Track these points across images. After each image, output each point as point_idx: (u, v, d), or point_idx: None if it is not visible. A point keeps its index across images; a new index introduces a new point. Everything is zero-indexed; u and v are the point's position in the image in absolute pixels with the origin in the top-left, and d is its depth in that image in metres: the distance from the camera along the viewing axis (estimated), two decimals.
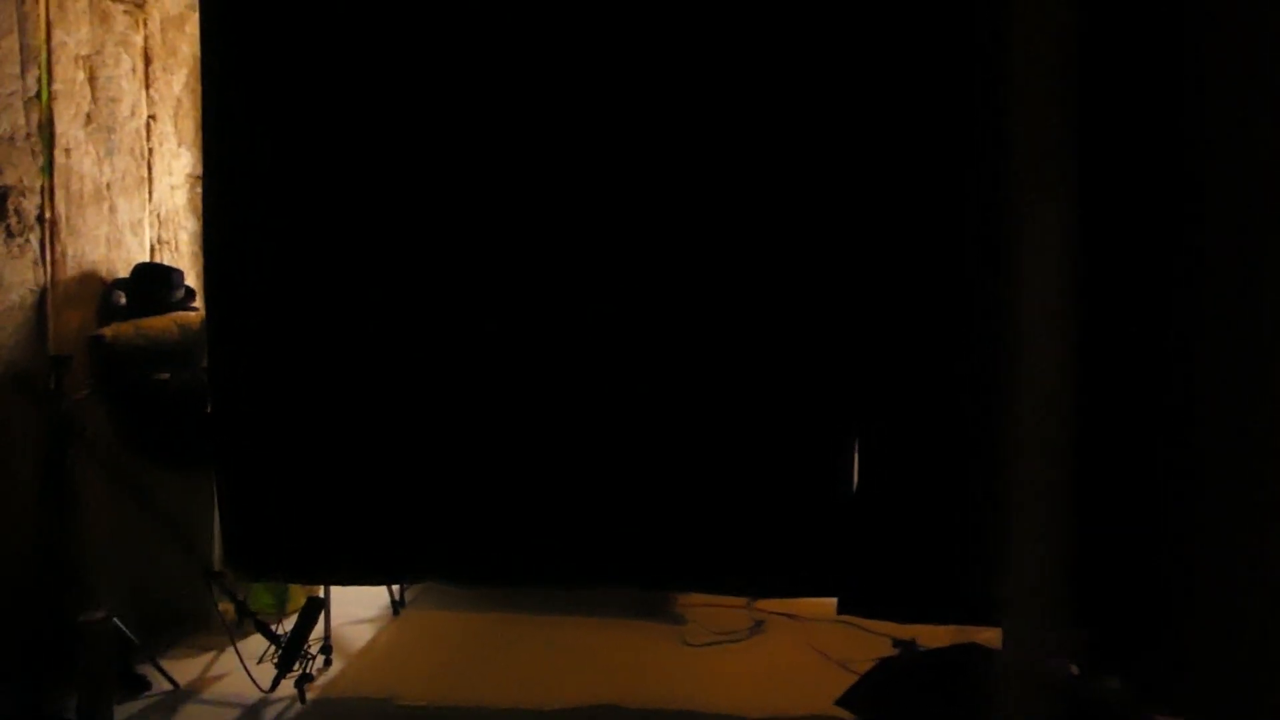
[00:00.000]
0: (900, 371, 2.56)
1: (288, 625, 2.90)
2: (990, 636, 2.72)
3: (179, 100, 3.72)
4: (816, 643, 3.30)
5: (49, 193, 3.08)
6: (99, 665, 2.54)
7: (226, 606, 3.08)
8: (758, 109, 2.49)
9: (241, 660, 2.81)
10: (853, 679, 3.05)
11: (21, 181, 2.98)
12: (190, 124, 3.77)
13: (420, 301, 2.59)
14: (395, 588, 3.52)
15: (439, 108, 2.57)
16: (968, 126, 2.40)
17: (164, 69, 3.65)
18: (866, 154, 2.51)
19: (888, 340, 2.56)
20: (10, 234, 2.95)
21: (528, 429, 2.60)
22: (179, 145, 3.73)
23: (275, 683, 2.78)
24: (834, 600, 2.70)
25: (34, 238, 3.03)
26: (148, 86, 3.58)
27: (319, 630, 2.98)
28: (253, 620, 2.81)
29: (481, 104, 2.54)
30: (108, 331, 3.20)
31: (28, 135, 3.00)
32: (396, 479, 2.63)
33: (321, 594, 3.05)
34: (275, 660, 2.76)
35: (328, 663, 3.08)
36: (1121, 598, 2.42)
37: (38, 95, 3.03)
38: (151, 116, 3.60)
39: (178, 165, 3.73)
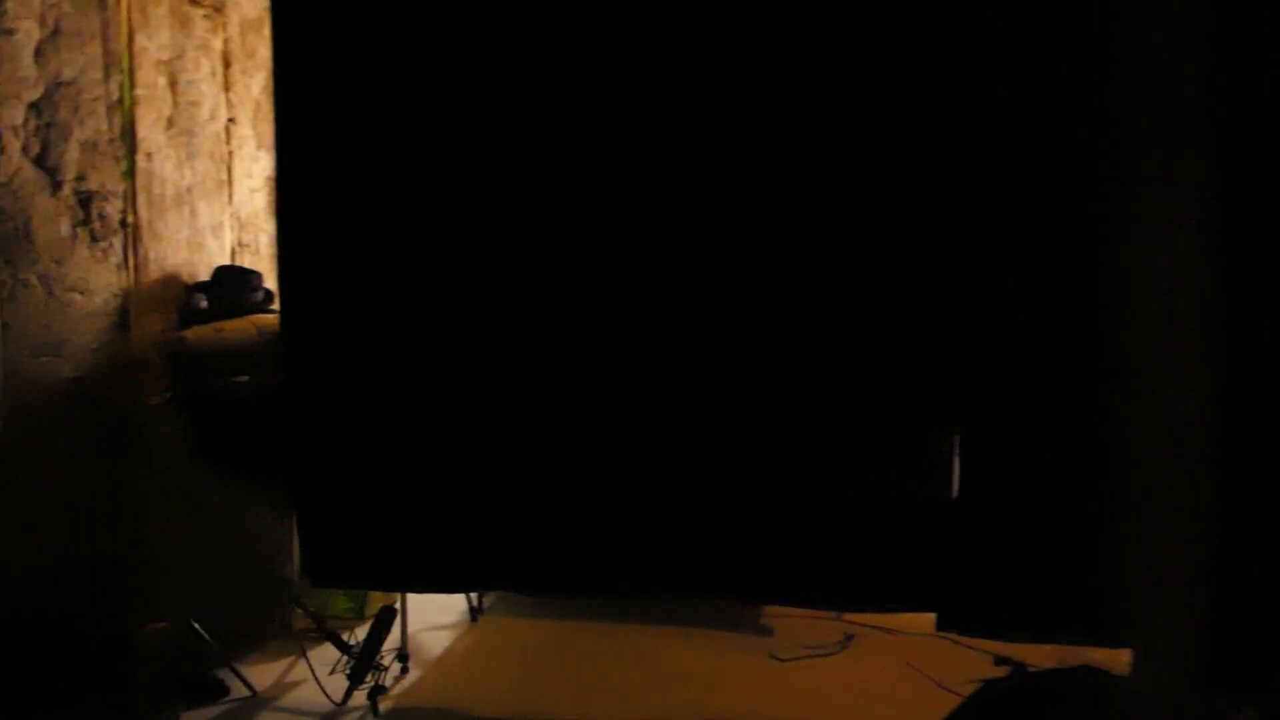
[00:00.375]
0: (1005, 362, 2.38)
1: (365, 631, 2.86)
2: (1101, 657, 2.55)
3: (258, 103, 3.73)
4: (912, 659, 3.15)
5: (131, 197, 3.11)
6: (156, 677, 2.53)
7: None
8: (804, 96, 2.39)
9: (313, 672, 2.80)
10: (952, 700, 2.88)
11: (105, 186, 3.01)
12: (269, 127, 3.76)
13: (504, 306, 2.53)
14: (473, 594, 3.46)
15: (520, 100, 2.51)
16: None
17: (243, 72, 3.66)
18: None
19: (989, 326, 2.39)
20: (94, 238, 2.98)
21: (615, 435, 2.52)
22: (258, 148, 3.74)
23: (347, 695, 2.74)
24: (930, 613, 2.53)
25: (117, 242, 3.06)
26: (227, 90, 3.59)
27: (394, 637, 2.94)
28: (323, 631, 2.76)
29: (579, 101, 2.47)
30: (188, 334, 3.22)
31: (110, 140, 3.03)
32: (478, 485, 2.57)
33: (396, 603, 3.00)
34: (347, 671, 2.71)
35: (404, 670, 3.03)
36: (1266, 618, 2.20)
37: (120, 100, 3.06)
38: (231, 120, 3.61)
39: (257, 168, 3.74)
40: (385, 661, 2.84)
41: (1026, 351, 2.36)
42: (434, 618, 3.44)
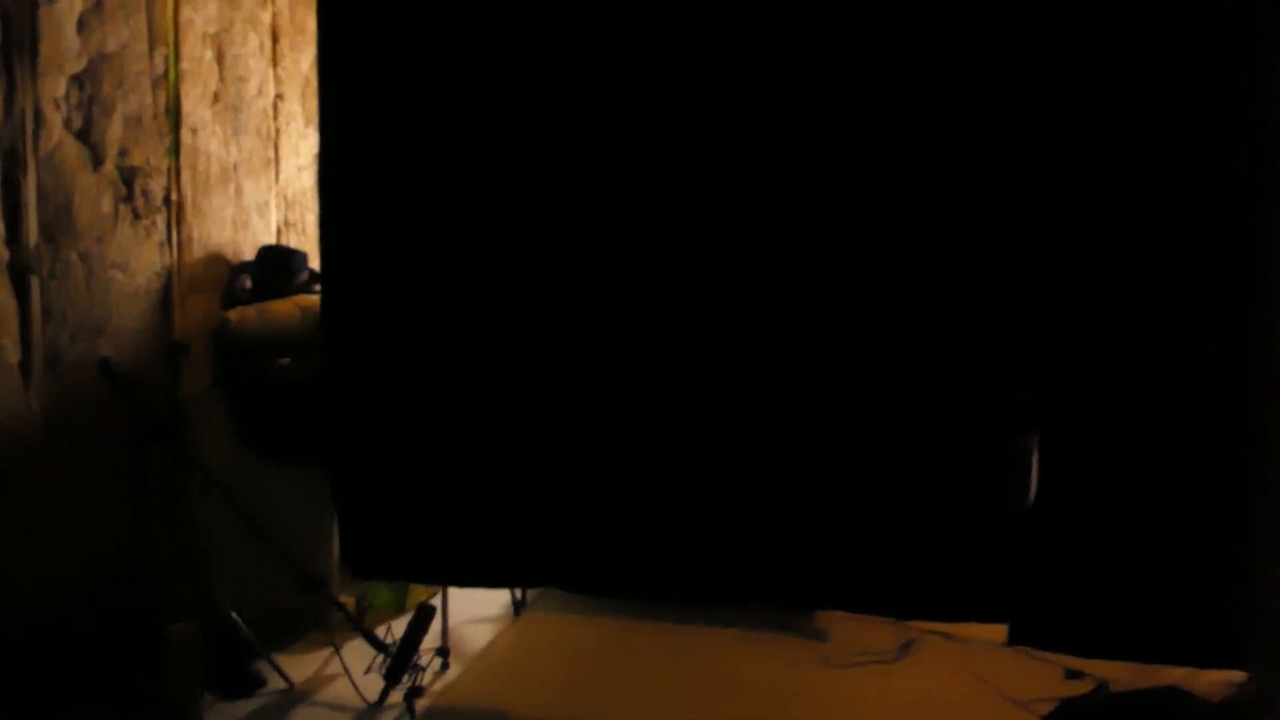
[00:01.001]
0: (1087, 358, 2.25)
1: (404, 620, 2.79)
2: (1181, 675, 2.44)
3: (306, 79, 3.65)
4: (976, 668, 3.00)
5: (175, 174, 3.05)
6: (184, 675, 2.46)
7: (348, 600, 2.99)
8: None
9: (347, 670, 2.72)
10: (1020, 715, 2.75)
11: (149, 162, 2.94)
12: (317, 104, 3.69)
13: (555, 295, 2.46)
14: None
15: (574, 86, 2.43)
16: None
17: (291, 47, 3.58)
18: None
19: (1068, 317, 2.25)
20: (137, 215, 2.91)
21: (667, 429, 2.42)
22: (306, 125, 3.66)
23: (383, 696, 2.65)
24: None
25: (160, 220, 3.00)
26: (275, 65, 3.51)
27: (434, 633, 2.85)
28: (359, 629, 2.68)
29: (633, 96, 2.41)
30: (233, 316, 3.16)
31: (155, 115, 2.96)
32: (524, 477, 2.49)
33: (434, 600, 2.92)
34: (384, 670, 2.63)
35: (445, 666, 2.94)
36: None
37: (165, 74, 2.99)
38: (279, 96, 3.54)
39: (305, 146, 3.66)
40: (423, 661, 2.75)
41: (1108, 355, 2.24)
42: (477, 609, 3.37)
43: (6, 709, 2.43)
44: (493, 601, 3.42)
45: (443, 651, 2.93)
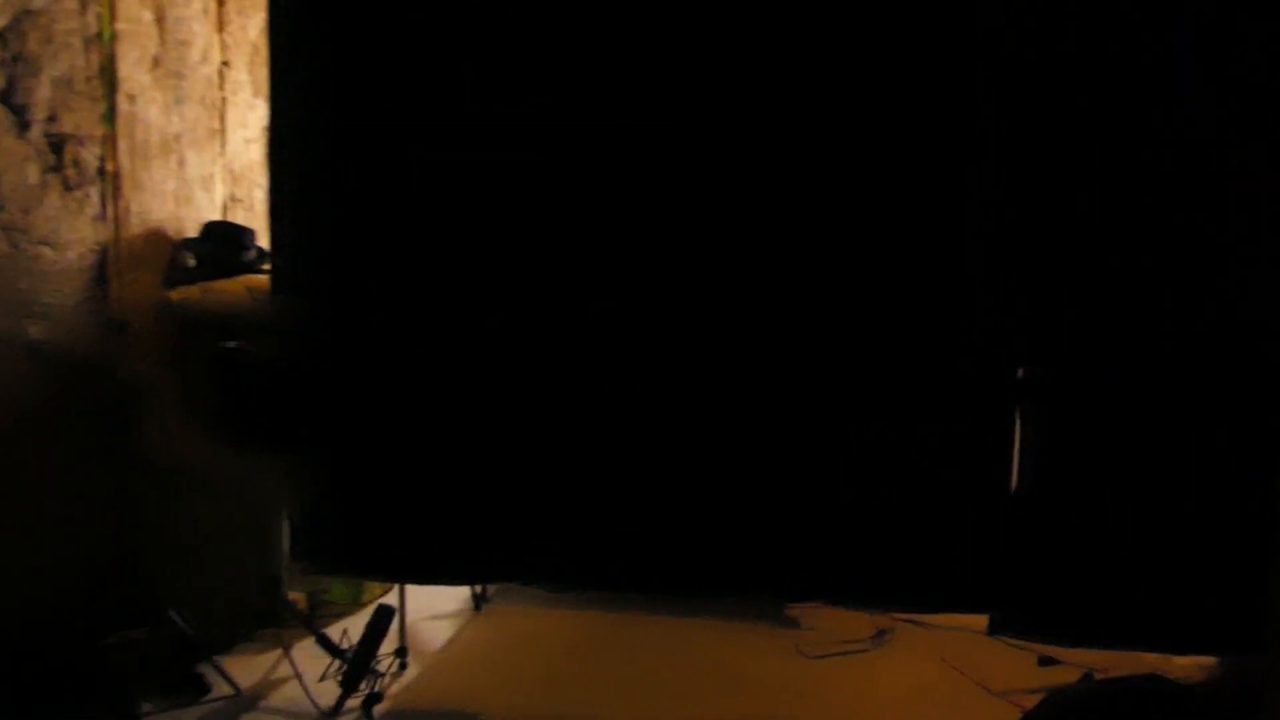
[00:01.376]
0: (1087, 358, 2.24)
1: (359, 623, 2.63)
2: (1153, 661, 2.49)
3: (255, 46, 3.45)
4: (950, 656, 2.97)
5: (111, 143, 2.84)
6: (125, 689, 2.33)
7: (298, 597, 2.85)
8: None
9: (300, 677, 2.58)
10: (997, 704, 2.72)
11: (80, 129, 2.74)
12: (267, 73, 3.50)
13: (511, 285, 2.37)
14: None
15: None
16: None
17: (239, 11, 3.38)
18: None
19: (1068, 317, 2.23)
20: (68, 186, 2.71)
21: (627, 421, 2.34)
22: (254, 95, 3.46)
23: (340, 704, 2.51)
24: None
25: (94, 191, 2.80)
26: (221, 30, 3.32)
27: (392, 632, 2.70)
28: (314, 632, 2.53)
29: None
30: (174, 295, 2.99)
31: (88, 79, 2.76)
32: (484, 470, 2.38)
33: (388, 595, 2.77)
34: (339, 678, 2.48)
35: (403, 666, 2.81)
36: None
37: (99, 34, 2.79)
38: (225, 63, 3.34)
39: (253, 117, 3.47)
40: (382, 666, 2.60)
41: (1086, 342, 2.24)
42: (435, 605, 3.24)
43: None
44: (451, 596, 3.30)
45: (400, 652, 2.80)
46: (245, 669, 2.74)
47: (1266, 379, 2.08)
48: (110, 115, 2.83)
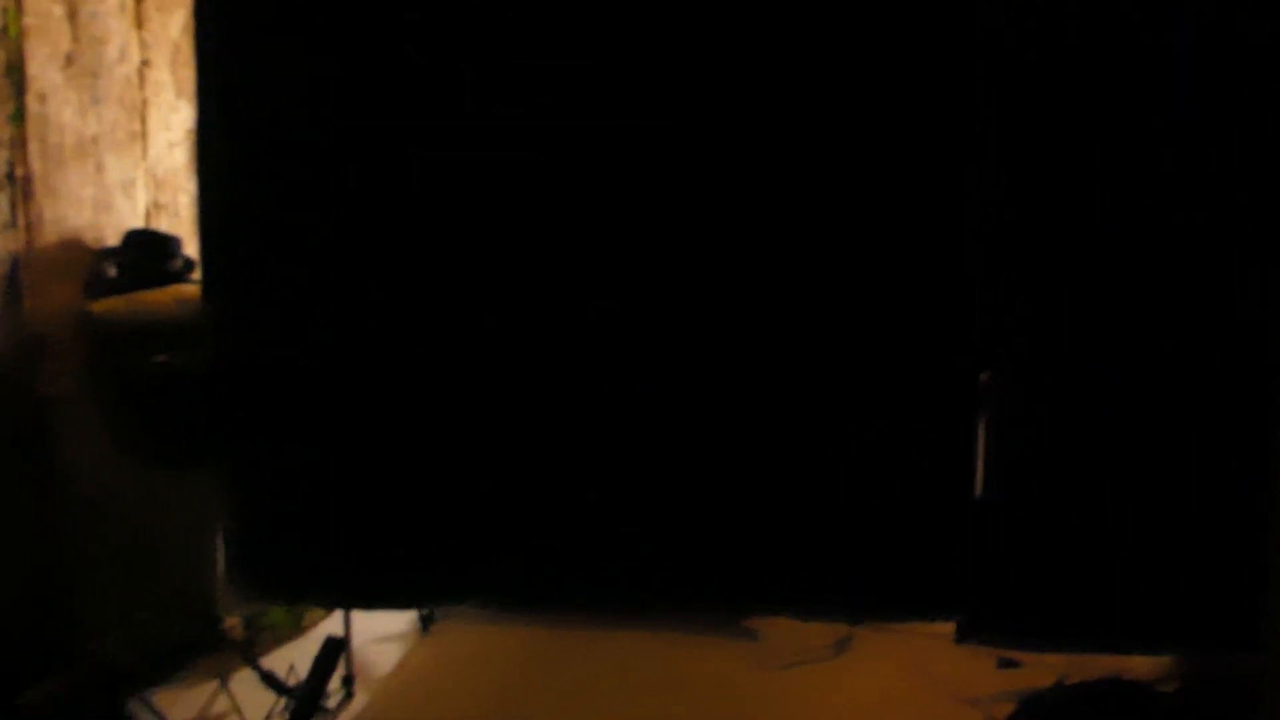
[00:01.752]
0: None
1: (304, 646, 2.52)
2: (1112, 664, 2.49)
3: (177, 45, 3.29)
4: (917, 662, 2.93)
5: (21, 145, 2.68)
6: None
7: (234, 623, 2.71)
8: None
9: (240, 713, 2.46)
10: (964, 710, 2.69)
11: None
12: (191, 73, 3.34)
13: (463, 287, 2.30)
14: None
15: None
16: None
17: (159, 8, 3.23)
18: None
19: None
20: None
21: (587, 427, 2.28)
22: (177, 96, 3.30)
23: None
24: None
25: (3, 197, 2.63)
26: (140, 27, 3.16)
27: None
28: (255, 668, 2.40)
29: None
30: (95, 307, 2.83)
31: None
32: (432, 485, 2.30)
33: (337, 625, 2.66)
34: (286, 717, 2.36)
35: (349, 695, 2.69)
36: None
37: (4, 29, 2.62)
38: (145, 62, 3.18)
39: (177, 119, 3.31)
40: (331, 703, 2.48)
41: (1053, 344, 2.24)
42: (380, 627, 3.11)
43: None
44: (397, 617, 3.18)
45: (348, 680, 2.68)
46: (180, 703, 2.59)
47: (1266, 379, 2.07)
48: (19, 116, 2.67)
